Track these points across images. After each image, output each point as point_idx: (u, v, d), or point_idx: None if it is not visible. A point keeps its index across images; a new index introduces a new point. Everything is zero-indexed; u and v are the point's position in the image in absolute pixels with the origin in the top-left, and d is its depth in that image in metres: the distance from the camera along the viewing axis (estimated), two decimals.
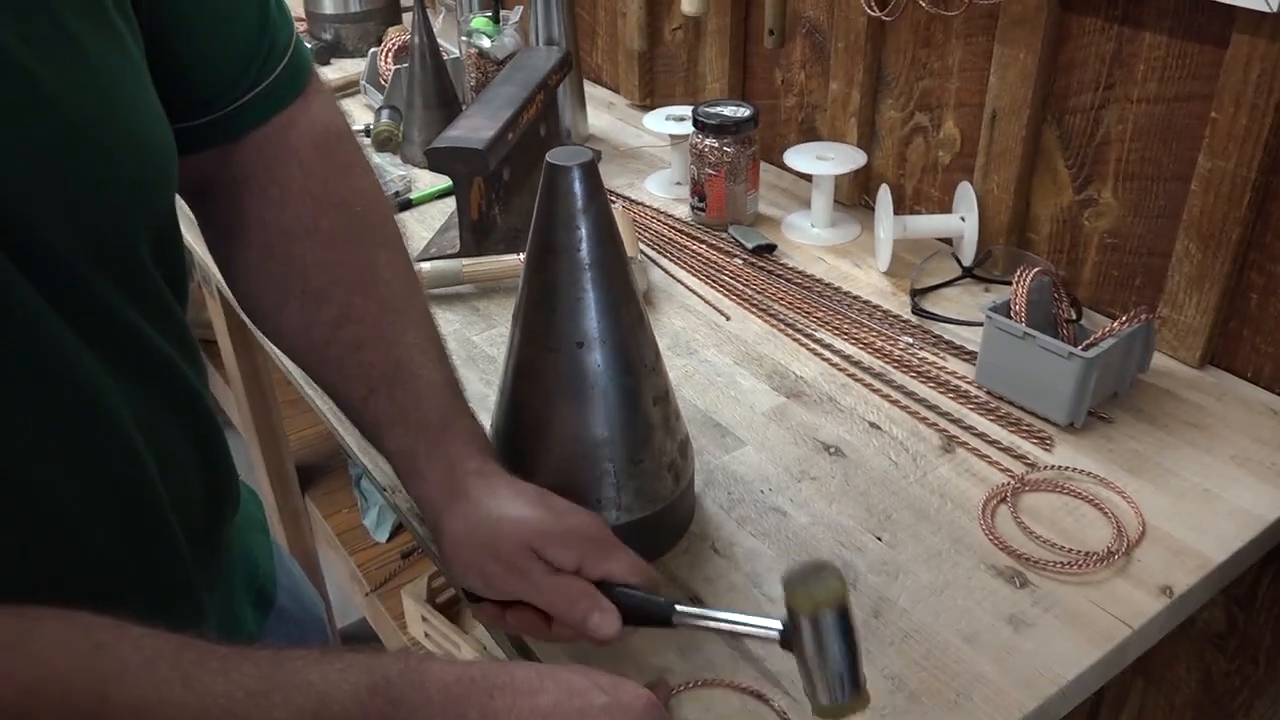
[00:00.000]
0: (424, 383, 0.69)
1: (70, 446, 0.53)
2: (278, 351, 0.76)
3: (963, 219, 1.12)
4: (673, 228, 1.25)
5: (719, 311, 1.09)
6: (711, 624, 0.63)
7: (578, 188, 0.66)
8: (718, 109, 1.20)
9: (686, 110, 1.30)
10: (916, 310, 1.07)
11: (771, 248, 1.19)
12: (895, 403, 0.93)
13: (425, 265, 1.12)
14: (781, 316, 1.07)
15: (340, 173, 0.71)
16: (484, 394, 0.96)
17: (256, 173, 0.68)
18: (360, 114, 1.63)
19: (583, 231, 0.67)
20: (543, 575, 0.62)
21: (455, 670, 0.53)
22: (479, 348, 1.03)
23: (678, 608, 0.63)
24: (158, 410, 0.59)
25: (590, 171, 0.66)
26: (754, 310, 1.09)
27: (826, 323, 1.05)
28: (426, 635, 1.58)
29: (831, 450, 0.88)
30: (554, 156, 0.66)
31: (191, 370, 0.62)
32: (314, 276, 0.68)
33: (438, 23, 1.81)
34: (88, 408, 0.53)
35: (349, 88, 1.70)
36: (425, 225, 1.28)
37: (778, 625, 0.59)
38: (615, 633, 0.61)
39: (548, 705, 0.53)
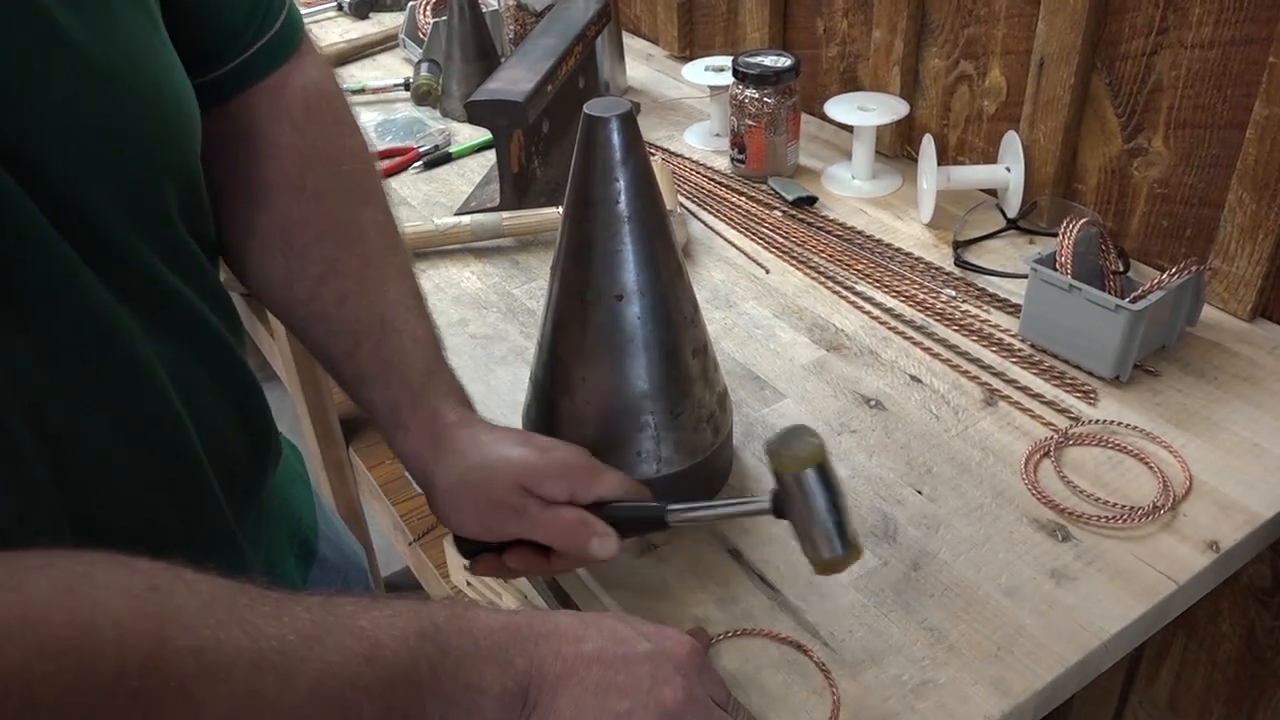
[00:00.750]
0: (407, 338, 0.69)
1: (106, 401, 0.53)
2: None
3: (1008, 170, 1.10)
4: (712, 180, 1.24)
5: (758, 264, 1.08)
6: (705, 514, 0.65)
7: (616, 139, 0.66)
8: (758, 59, 1.19)
9: (726, 61, 1.29)
10: (959, 263, 1.05)
11: (812, 200, 1.17)
12: (937, 356, 0.93)
13: (465, 219, 1.12)
14: (822, 269, 1.06)
15: (329, 131, 0.72)
16: (524, 347, 0.96)
17: (247, 130, 0.68)
18: (399, 68, 1.63)
19: (621, 184, 0.66)
20: (539, 510, 0.64)
21: (501, 618, 0.54)
22: (519, 301, 1.04)
23: (670, 508, 0.65)
24: (193, 366, 0.60)
25: (629, 122, 0.66)
26: (794, 263, 1.08)
27: (867, 275, 1.04)
28: (468, 584, 1.60)
29: (872, 403, 0.88)
30: (592, 108, 0.66)
31: (225, 325, 0.63)
32: (299, 232, 0.69)
33: None
34: (122, 362, 0.54)
35: (388, 41, 1.70)
36: (465, 179, 1.28)
37: (767, 499, 0.62)
38: (615, 552, 0.64)
39: (592, 651, 0.54)
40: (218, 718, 0.42)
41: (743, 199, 1.20)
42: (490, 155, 1.33)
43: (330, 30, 1.75)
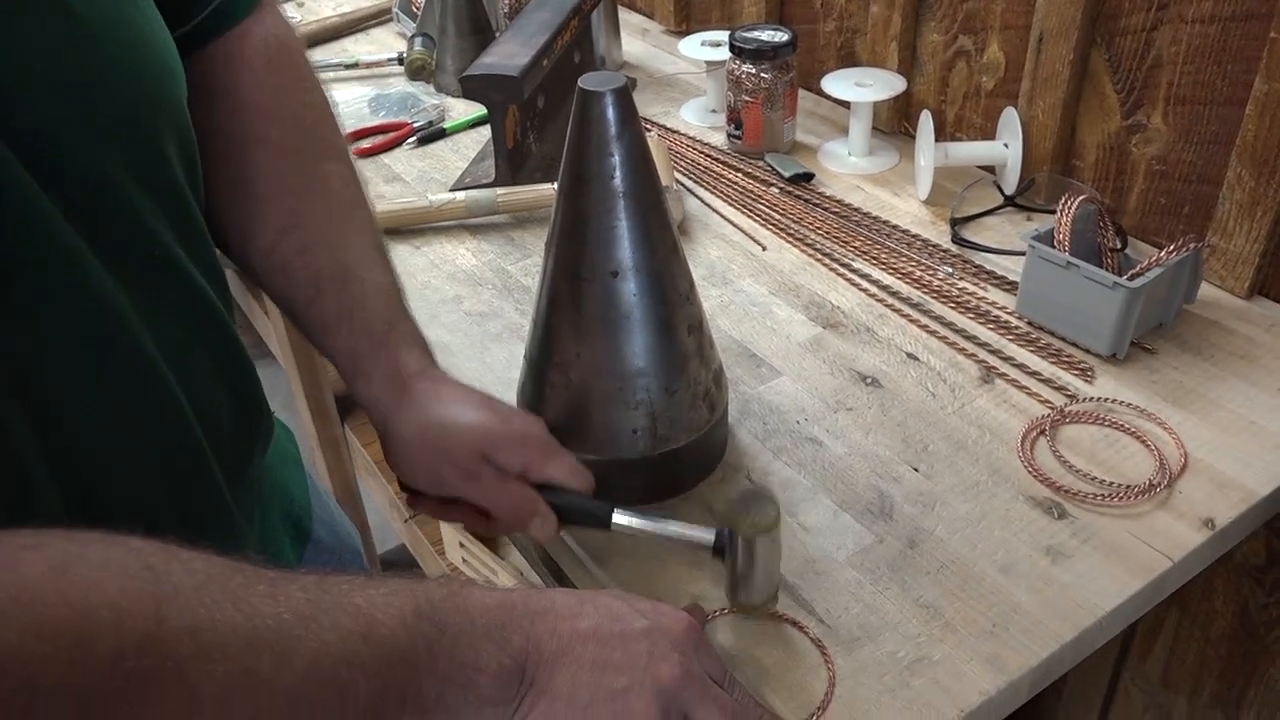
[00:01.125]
0: (370, 285, 0.70)
1: (97, 374, 0.53)
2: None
3: (1006, 146, 1.09)
4: (709, 156, 1.24)
5: (755, 241, 1.07)
6: (647, 527, 0.67)
7: (610, 114, 0.65)
8: (755, 34, 1.18)
9: (723, 35, 1.28)
10: (957, 239, 1.05)
11: (809, 176, 1.17)
12: (934, 333, 0.92)
13: (460, 195, 1.11)
14: (819, 246, 1.06)
15: (291, 85, 0.72)
16: (519, 324, 0.96)
17: (209, 83, 0.68)
18: (393, 42, 1.61)
19: (616, 159, 0.66)
20: (491, 480, 0.66)
21: (497, 596, 0.54)
22: (514, 278, 1.03)
23: (616, 513, 0.67)
24: (187, 339, 0.59)
25: (623, 97, 0.65)
26: (791, 240, 1.07)
27: (864, 252, 1.04)
28: (464, 561, 1.60)
29: (869, 381, 0.87)
30: (586, 82, 0.65)
31: (220, 296, 0.63)
32: (262, 183, 0.69)
33: None
34: (114, 333, 0.53)
35: (381, 15, 1.68)
36: (460, 155, 1.28)
37: (710, 538, 0.65)
38: (553, 536, 0.68)
39: (588, 628, 0.54)
40: (214, 697, 0.42)
41: (739, 175, 1.19)
42: (485, 131, 1.32)
43: (323, 3, 1.74)
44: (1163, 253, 0.86)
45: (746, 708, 0.58)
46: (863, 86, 1.16)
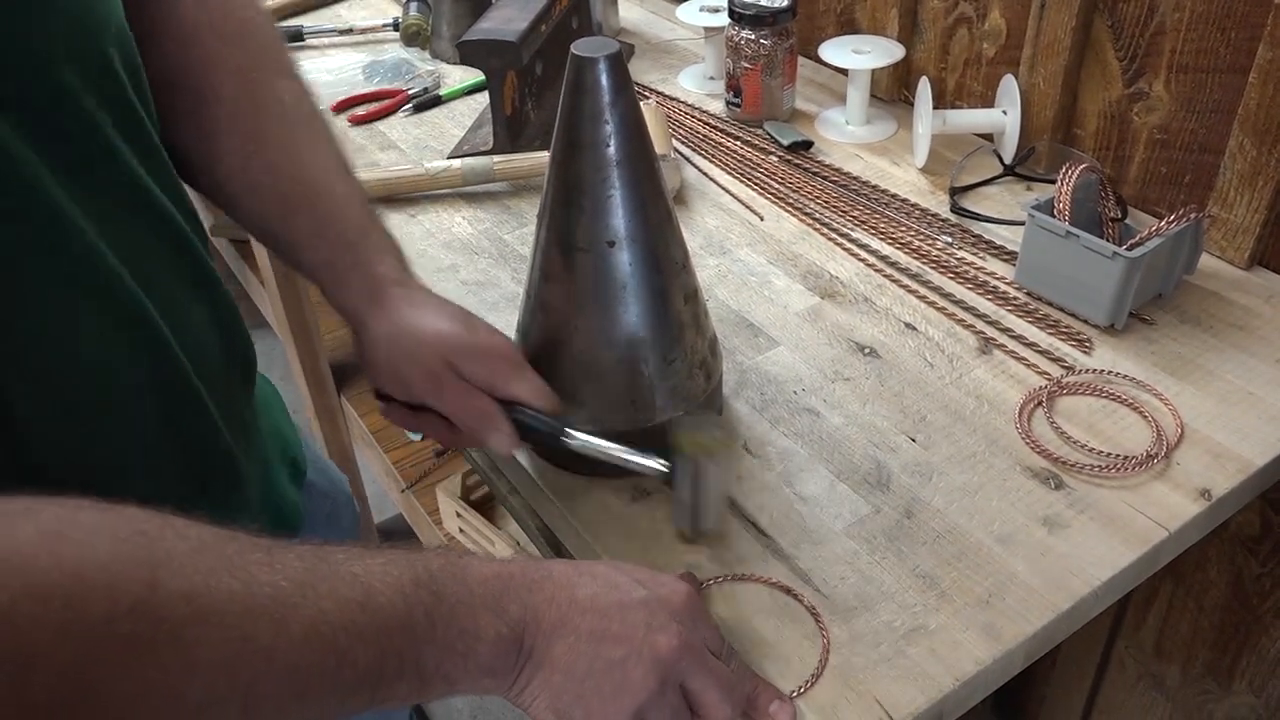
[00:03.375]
0: (340, 198, 0.70)
1: (86, 312, 0.53)
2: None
3: (1005, 113, 1.09)
4: (707, 124, 1.23)
5: (753, 210, 1.07)
6: (600, 447, 0.69)
7: (605, 81, 0.64)
8: None
9: (722, 1, 1.26)
10: (955, 209, 1.04)
11: (808, 144, 1.16)
12: (932, 304, 0.92)
13: (456, 162, 1.10)
14: (817, 215, 1.05)
15: (231, 4, 0.72)
16: (516, 293, 0.95)
17: (150, 14, 0.67)
18: (387, 7, 1.59)
19: (610, 126, 0.65)
20: (455, 389, 0.67)
21: (495, 566, 0.54)
22: (511, 246, 1.03)
23: (569, 430, 0.69)
24: (165, 273, 0.59)
25: (617, 63, 0.64)
26: (789, 209, 1.07)
27: (863, 222, 1.03)
28: (461, 531, 1.60)
29: (866, 351, 0.87)
30: (579, 48, 0.64)
31: (187, 220, 0.62)
32: (219, 107, 0.69)
33: None
34: (84, 258, 0.52)
35: None
36: (456, 122, 1.26)
37: (663, 465, 0.67)
38: (509, 451, 0.69)
39: (586, 598, 0.54)
40: (210, 663, 0.42)
41: (737, 144, 1.18)
42: (481, 98, 1.31)
43: None
44: (1163, 223, 0.85)
45: (742, 678, 0.59)
46: (861, 54, 1.15)
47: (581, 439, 0.68)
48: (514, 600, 0.52)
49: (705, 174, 1.13)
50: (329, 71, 1.40)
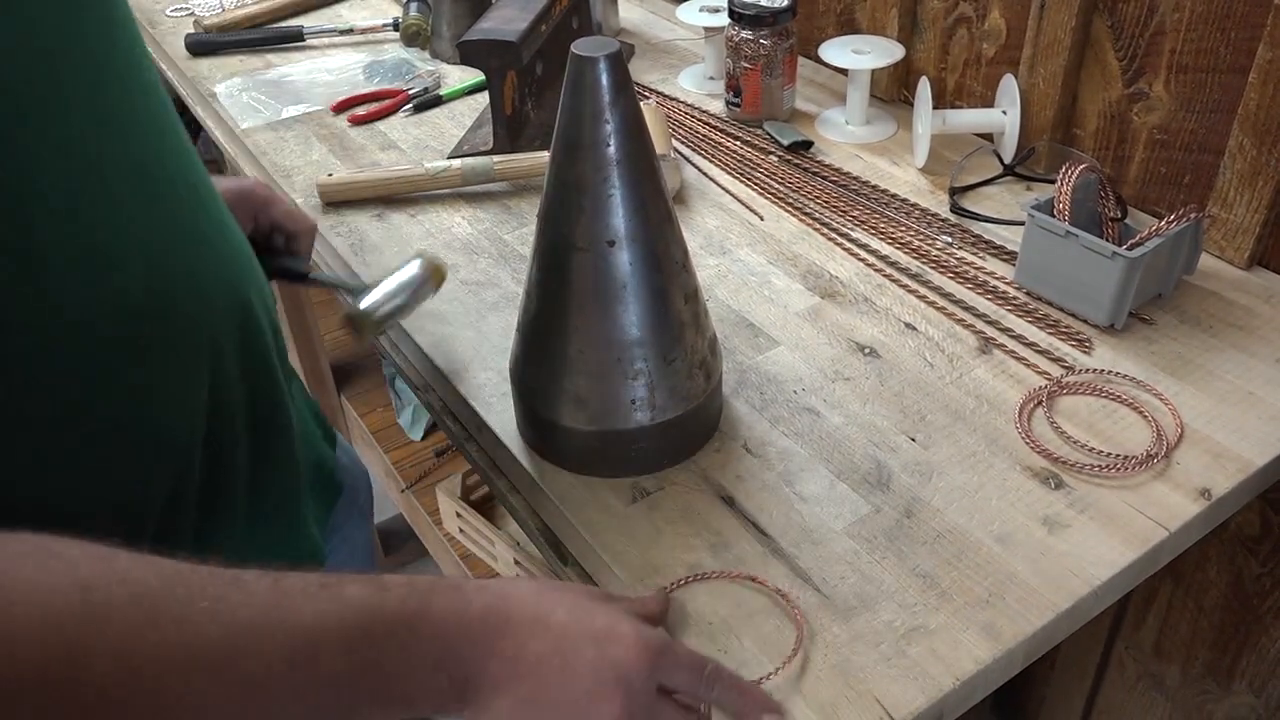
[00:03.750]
0: None
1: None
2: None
3: (1004, 113, 1.09)
4: (707, 124, 1.23)
5: (753, 210, 1.07)
6: (323, 278, 0.87)
7: (605, 80, 0.64)
8: None
9: (722, 1, 1.26)
10: (955, 209, 1.04)
11: (808, 144, 1.16)
12: (932, 303, 0.92)
13: (456, 162, 1.10)
14: (817, 215, 1.05)
15: None
16: (516, 293, 0.96)
17: None
18: (387, 7, 1.60)
19: (610, 126, 0.65)
20: None
21: (456, 613, 0.51)
22: (511, 246, 1.03)
23: (311, 273, 0.85)
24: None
25: (617, 63, 0.64)
26: (789, 209, 1.07)
27: (863, 222, 1.03)
28: (461, 531, 1.61)
29: (866, 351, 0.87)
30: (579, 47, 0.64)
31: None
32: None
33: None
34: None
35: None
36: (455, 122, 1.27)
37: (415, 264, 0.82)
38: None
39: (532, 658, 0.52)
40: (141, 718, 0.41)
41: (737, 143, 1.18)
42: (481, 98, 1.31)
43: None
44: (1163, 223, 0.85)
45: (727, 697, 0.57)
46: (861, 54, 1.15)
47: (321, 278, 0.84)
48: (465, 656, 0.51)
49: (705, 174, 1.13)
50: (329, 71, 1.40)
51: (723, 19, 1.23)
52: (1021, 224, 0.91)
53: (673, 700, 0.56)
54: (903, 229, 1.02)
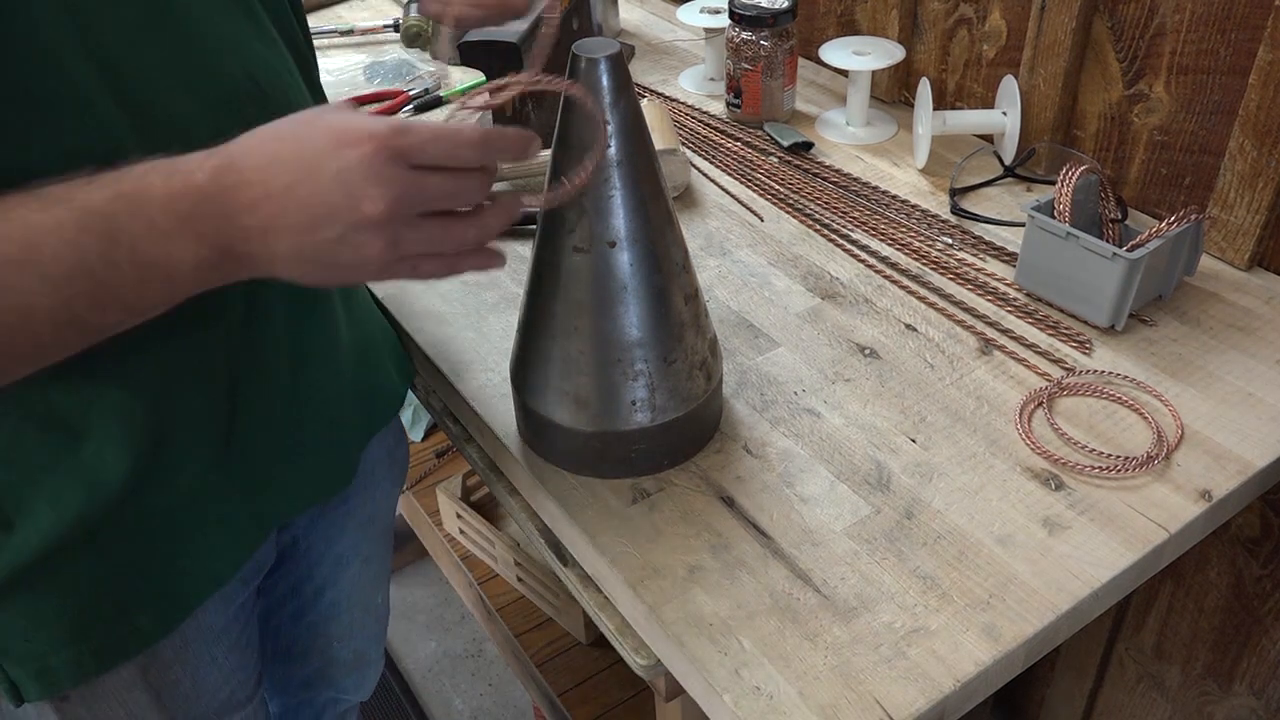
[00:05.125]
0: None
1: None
2: None
3: (1004, 114, 1.09)
4: (707, 125, 1.23)
5: (753, 211, 1.07)
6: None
7: (605, 81, 0.64)
8: (754, 1, 1.16)
9: (722, 2, 1.26)
10: (956, 210, 1.04)
11: (808, 145, 1.16)
12: (932, 305, 0.92)
13: None
14: (817, 216, 1.05)
15: None
16: (516, 294, 0.96)
17: None
18: (388, 8, 1.60)
19: (611, 126, 0.65)
20: None
21: (179, 181, 0.52)
22: (511, 247, 1.03)
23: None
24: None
25: (618, 64, 0.64)
26: (789, 210, 1.07)
27: (863, 223, 1.03)
28: (462, 532, 1.61)
29: (866, 352, 0.87)
30: (580, 48, 0.64)
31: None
32: None
33: None
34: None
35: None
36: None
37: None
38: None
39: (281, 190, 0.52)
40: None
41: (738, 145, 1.18)
42: None
43: None
44: (1163, 224, 0.85)
45: (473, 175, 0.56)
46: (861, 55, 1.15)
47: None
48: (207, 219, 0.51)
49: (705, 175, 1.13)
50: (330, 72, 1.40)
51: (723, 20, 1.23)
52: (1022, 225, 0.91)
53: (436, 171, 0.54)
54: (903, 230, 1.02)
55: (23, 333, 0.49)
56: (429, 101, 1.30)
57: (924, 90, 1.10)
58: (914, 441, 0.78)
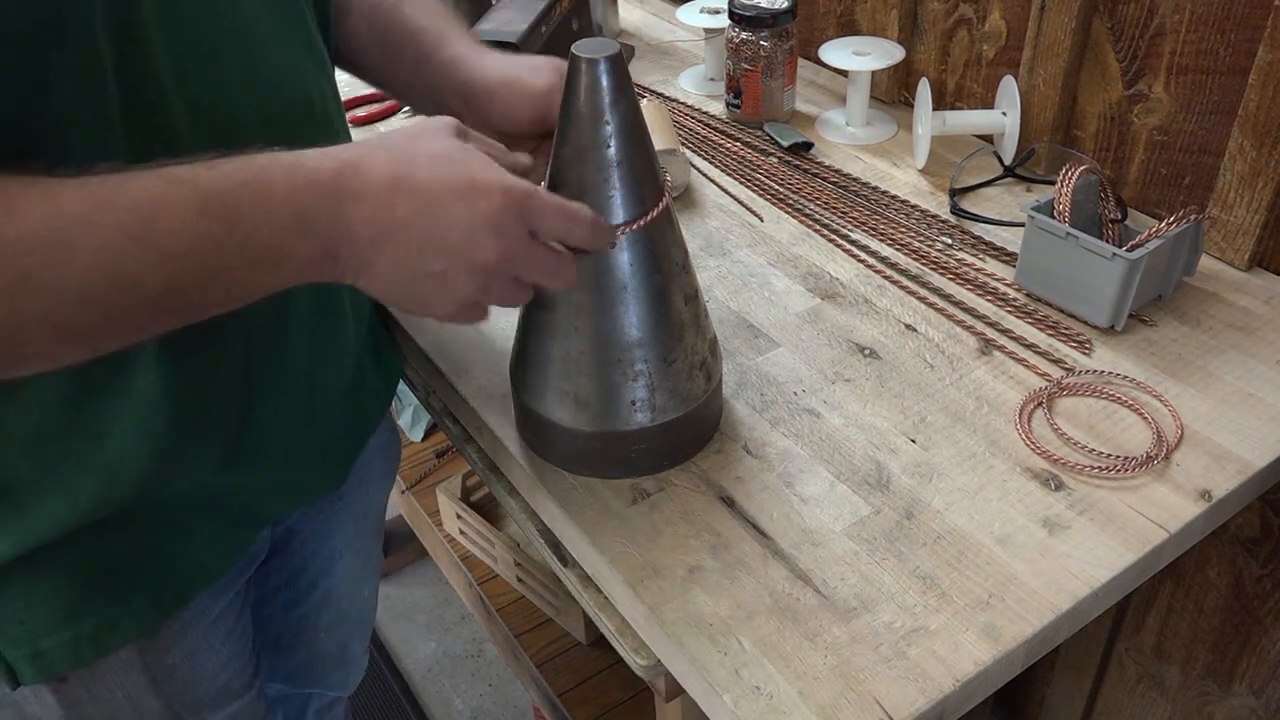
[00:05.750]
0: (432, 32, 0.80)
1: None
2: None
3: (1005, 115, 1.09)
4: (707, 125, 1.23)
5: (753, 212, 1.07)
6: None
7: (605, 81, 0.64)
8: (754, 1, 1.16)
9: (722, 3, 1.26)
10: (955, 210, 1.04)
11: (808, 145, 1.16)
12: (932, 305, 0.92)
13: None
14: (817, 216, 1.05)
15: None
16: None
17: None
18: None
19: (611, 127, 0.65)
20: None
21: (304, 176, 0.54)
22: None
23: None
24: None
25: (618, 64, 0.64)
26: (789, 210, 1.07)
27: (863, 223, 1.03)
28: (461, 532, 1.61)
29: (866, 352, 0.87)
30: (580, 49, 0.64)
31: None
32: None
33: None
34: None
35: None
36: None
37: None
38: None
39: (404, 217, 0.55)
40: None
41: (737, 145, 1.18)
42: None
43: None
44: (1163, 224, 0.85)
45: (589, 236, 0.61)
46: (861, 55, 1.15)
47: None
48: (323, 216, 0.53)
49: (705, 175, 1.13)
50: None
51: (723, 20, 1.23)
52: (1022, 225, 0.91)
53: (544, 244, 0.60)
54: (903, 230, 1.02)
55: (128, 304, 0.51)
56: None
57: (924, 90, 1.10)
58: (914, 442, 0.78)
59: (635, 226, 0.67)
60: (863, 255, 0.99)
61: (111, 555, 0.70)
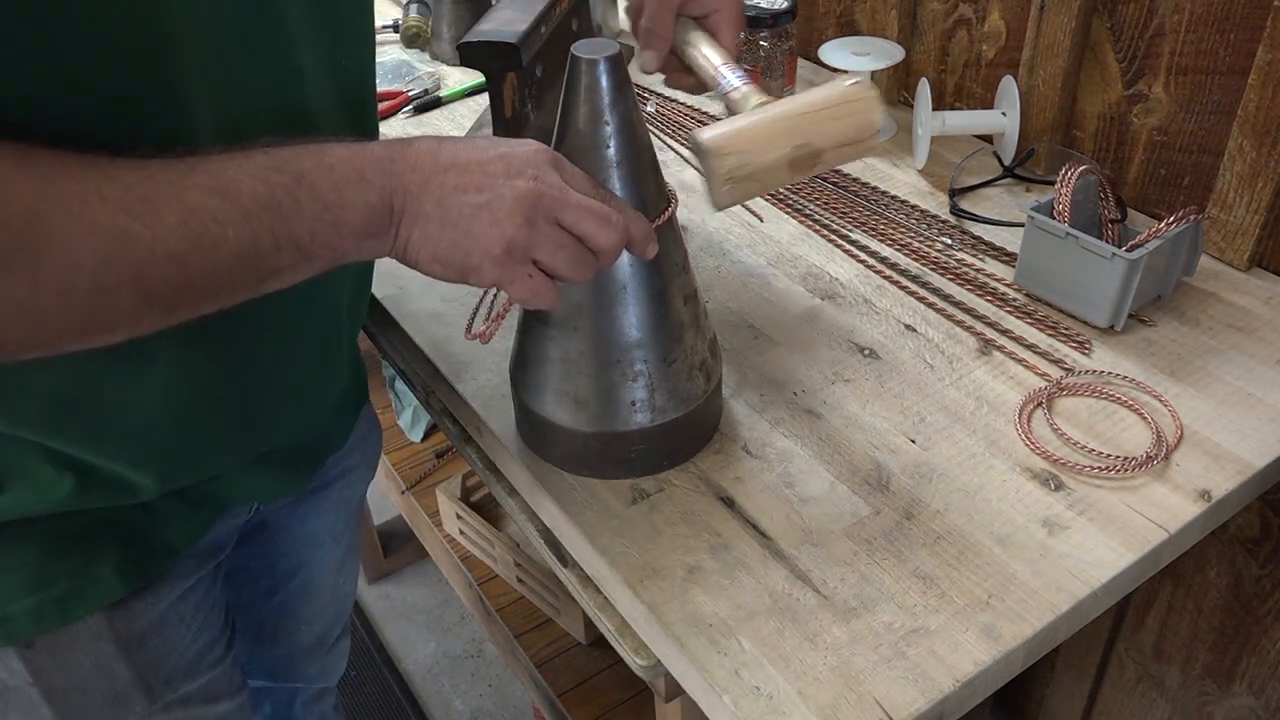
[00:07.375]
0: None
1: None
2: None
3: (1004, 115, 1.09)
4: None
5: (752, 212, 1.07)
6: None
7: (605, 82, 0.64)
8: (754, 1, 1.16)
9: None
10: (955, 210, 1.04)
11: None
12: (931, 305, 0.92)
13: None
14: (816, 217, 1.05)
15: None
16: None
17: None
18: (387, 9, 1.60)
19: (611, 127, 0.65)
20: None
21: (355, 146, 0.59)
22: None
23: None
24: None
25: (618, 65, 0.64)
26: (788, 211, 1.07)
27: (862, 223, 1.04)
28: (461, 533, 1.61)
29: (866, 352, 0.87)
30: (580, 49, 0.64)
31: None
32: None
33: None
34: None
35: None
36: (455, 124, 1.27)
37: None
38: None
39: (447, 160, 0.59)
40: (94, 256, 0.50)
41: None
42: (481, 100, 1.31)
43: None
44: (1162, 224, 0.85)
45: (619, 208, 0.63)
46: (860, 55, 1.15)
47: None
48: (376, 172, 0.58)
49: None
50: None
51: None
52: (1021, 226, 0.91)
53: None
54: (902, 230, 1.02)
55: (209, 265, 0.53)
56: (428, 102, 1.30)
57: (923, 91, 1.10)
58: (913, 442, 0.78)
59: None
60: (862, 255, 0.99)
61: (79, 524, 0.71)
